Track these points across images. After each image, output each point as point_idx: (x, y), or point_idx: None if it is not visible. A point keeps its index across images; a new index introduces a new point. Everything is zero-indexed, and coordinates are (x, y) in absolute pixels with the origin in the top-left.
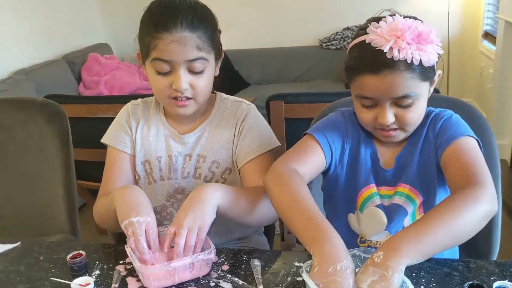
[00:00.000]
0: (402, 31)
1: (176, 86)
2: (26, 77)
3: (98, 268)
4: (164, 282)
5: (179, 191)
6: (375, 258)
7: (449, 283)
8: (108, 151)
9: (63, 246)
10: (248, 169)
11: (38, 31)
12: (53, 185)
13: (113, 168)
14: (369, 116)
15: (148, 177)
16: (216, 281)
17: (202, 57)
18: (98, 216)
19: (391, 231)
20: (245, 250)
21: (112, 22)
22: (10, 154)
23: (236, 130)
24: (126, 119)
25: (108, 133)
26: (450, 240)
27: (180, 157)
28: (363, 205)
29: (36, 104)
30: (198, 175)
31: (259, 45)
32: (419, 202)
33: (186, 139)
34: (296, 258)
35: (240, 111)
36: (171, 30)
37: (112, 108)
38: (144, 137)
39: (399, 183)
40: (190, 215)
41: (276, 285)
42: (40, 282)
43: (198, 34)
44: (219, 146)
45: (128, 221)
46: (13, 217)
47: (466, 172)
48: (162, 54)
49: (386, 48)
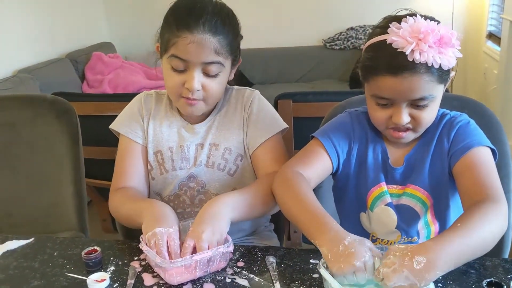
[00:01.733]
0: (424, 34)
1: (189, 85)
2: (30, 76)
3: (113, 264)
4: (185, 277)
5: (191, 179)
6: (415, 264)
7: (466, 281)
8: (120, 140)
9: (76, 242)
10: (260, 154)
11: (42, 30)
12: (62, 183)
13: (125, 159)
14: (383, 115)
15: (160, 167)
16: (232, 277)
17: (219, 61)
18: (116, 214)
19: (402, 232)
20: (260, 247)
21: (116, 21)
22: (19, 152)
23: (245, 115)
24: (138, 108)
25: (119, 120)
26: (479, 250)
27: (192, 147)
28: (374, 204)
29: (45, 101)
30: (211, 164)
31: (263, 45)
32: (429, 204)
33: (198, 129)
34: (311, 255)
35: (246, 97)
36: (192, 31)
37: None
38: (156, 128)
39: (408, 183)
40: (208, 229)
41: (292, 282)
42: (55, 278)
43: (218, 39)
44: (230, 133)
45: (152, 233)
46: (22, 215)
47: (480, 185)
48: (180, 53)
49: (408, 50)
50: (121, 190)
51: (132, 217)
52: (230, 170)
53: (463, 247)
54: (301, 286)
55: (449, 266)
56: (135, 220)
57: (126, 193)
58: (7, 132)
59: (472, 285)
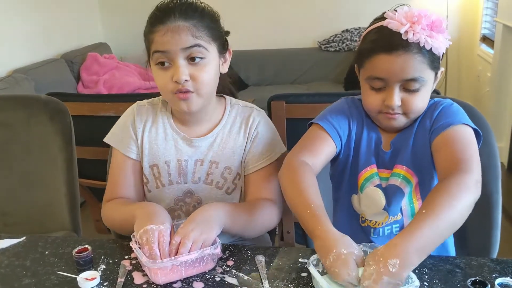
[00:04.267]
0: (418, 17)
1: (176, 77)
2: (25, 76)
3: (104, 263)
4: (170, 277)
5: (188, 195)
6: (390, 267)
7: (451, 279)
8: (113, 154)
9: (68, 241)
10: (255, 178)
11: (37, 30)
12: (55, 183)
13: (119, 173)
14: (376, 100)
15: (156, 181)
16: (221, 276)
17: (198, 44)
18: (110, 222)
19: (389, 212)
20: (249, 246)
21: (111, 22)
22: (13, 152)
23: (249, 137)
24: (131, 122)
25: (113, 133)
26: (448, 232)
27: (190, 161)
28: (364, 185)
29: (39, 101)
30: (210, 181)
31: (258, 47)
32: (414, 182)
33: (198, 143)
34: (300, 254)
35: (252, 118)
36: (165, 22)
37: (114, 107)
38: (152, 141)
39: (396, 164)
40: (197, 229)
41: (281, 281)
42: (46, 277)
43: (193, 23)
44: (232, 152)
45: (143, 230)
46: (15, 214)
47: (454, 159)
48: (159, 46)
49: (403, 30)
50: (113, 200)
51: (126, 220)
52: (228, 189)
53: (432, 236)
54: (289, 284)
55: (422, 257)
56: (129, 223)
57: (119, 201)
58: (1, 132)
59: (458, 284)
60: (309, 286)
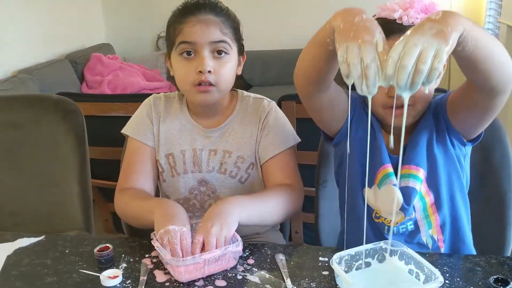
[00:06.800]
0: (410, 3)
1: (201, 67)
2: (30, 76)
3: (125, 261)
4: (194, 275)
5: (203, 184)
6: (433, 16)
7: (472, 277)
8: (128, 143)
9: (87, 240)
10: (271, 165)
11: (41, 30)
12: (67, 182)
13: (133, 160)
14: (380, 92)
15: (171, 170)
16: (243, 274)
17: (225, 40)
18: (123, 213)
19: (406, 212)
20: (268, 244)
21: (115, 22)
22: (24, 152)
23: (260, 126)
24: (148, 112)
25: (129, 125)
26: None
27: (204, 152)
28: (382, 182)
29: (50, 101)
30: (224, 170)
31: (262, 47)
32: (423, 177)
33: (211, 134)
34: (320, 253)
35: (263, 107)
36: (195, 13)
37: (123, 107)
38: (168, 131)
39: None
40: (217, 224)
41: (303, 279)
42: (68, 275)
43: (221, 19)
44: (244, 142)
45: (164, 230)
46: (27, 214)
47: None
48: (187, 36)
49: (397, 15)
50: (129, 190)
51: (142, 215)
52: (241, 178)
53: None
54: (311, 283)
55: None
56: (144, 218)
57: (135, 193)
58: (13, 131)
59: (479, 282)
60: (331, 284)
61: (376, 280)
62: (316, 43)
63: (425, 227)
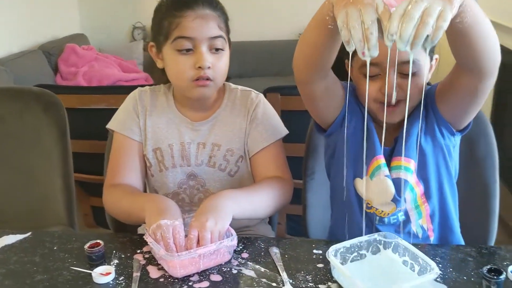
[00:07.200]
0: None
1: (200, 63)
2: (4, 68)
3: (116, 257)
4: (189, 270)
5: (192, 178)
6: None
7: (465, 268)
8: (114, 138)
9: (75, 236)
10: (261, 158)
11: (13, 20)
12: (50, 176)
13: (120, 155)
14: (372, 88)
15: (159, 164)
16: (238, 268)
17: (222, 36)
18: (113, 209)
19: (397, 204)
20: (262, 238)
21: (89, 12)
22: (6, 146)
23: (248, 118)
24: (133, 106)
25: (114, 119)
26: None
27: (193, 145)
28: (374, 173)
29: (31, 94)
30: (213, 164)
31: (239, 38)
32: (413, 168)
33: (199, 127)
34: (313, 245)
35: (251, 100)
36: (193, 8)
37: (105, 99)
38: (154, 124)
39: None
40: (211, 218)
41: (298, 272)
42: (58, 272)
43: (218, 14)
44: (233, 134)
45: (156, 225)
46: (11, 209)
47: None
48: (186, 31)
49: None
50: (118, 186)
51: (133, 212)
52: (231, 171)
53: None
54: (307, 275)
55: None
56: (135, 215)
57: (124, 189)
58: None
59: (471, 272)
60: (327, 277)
61: (372, 272)
62: (316, 23)
63: (415, 217)
